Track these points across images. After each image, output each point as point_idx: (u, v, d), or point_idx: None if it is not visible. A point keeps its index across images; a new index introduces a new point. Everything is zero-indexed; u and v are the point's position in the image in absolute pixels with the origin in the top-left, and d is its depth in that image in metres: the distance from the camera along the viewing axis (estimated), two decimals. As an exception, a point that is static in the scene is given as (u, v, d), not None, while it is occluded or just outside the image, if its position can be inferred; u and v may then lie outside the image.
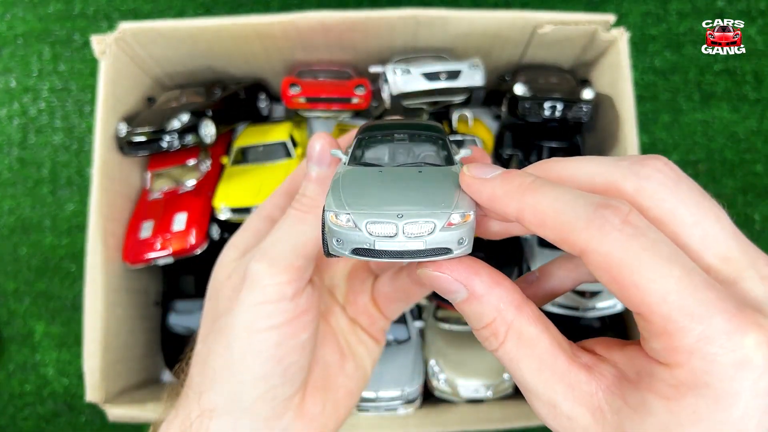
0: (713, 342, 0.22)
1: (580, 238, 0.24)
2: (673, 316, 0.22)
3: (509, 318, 0.27)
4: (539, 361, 0.27)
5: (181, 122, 0.73)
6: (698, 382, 0.23)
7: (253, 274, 0.34)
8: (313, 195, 0.36)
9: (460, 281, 0.28)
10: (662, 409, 0.24)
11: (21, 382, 0.96)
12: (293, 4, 1.04)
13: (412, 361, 0.82)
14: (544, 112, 0.77)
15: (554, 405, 0.27)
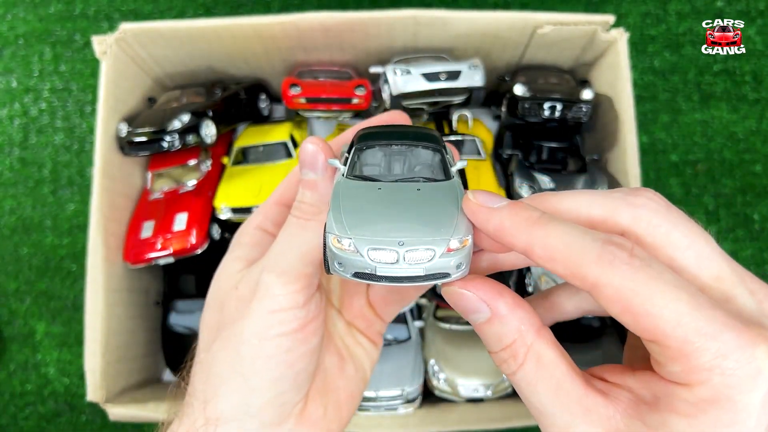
0: (729, 357, 0.23)
1: (591, 272, 0.25)
2: (689, 338, 0.24)
3: (529, 340, 0.28)
4: (557, 384, 0.27)
5: (182, 122, 0.74)
6: (719, 396, 0.24)
7: (265, 284, 0.34)
8: (311, 201, 0.36)
9: (485, 301, 0.28)
10: (684, 426, 0.24)
11: (22, 382, 0.96)
12: (293, 4, 1.04)
13: (412, 360, 0.82)
14: (544, 112, 0.77)
15: (569, 429, 0.27)
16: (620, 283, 0.24)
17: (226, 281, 0.38)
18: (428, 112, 0.84)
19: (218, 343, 0.36)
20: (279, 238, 0.36)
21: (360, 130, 0.36)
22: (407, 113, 0.72)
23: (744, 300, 0.27)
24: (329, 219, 0.30)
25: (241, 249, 0.39)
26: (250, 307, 0.35)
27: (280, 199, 0.40)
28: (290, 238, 0.36)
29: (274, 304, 0.34)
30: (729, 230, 0.98)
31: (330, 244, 0.29)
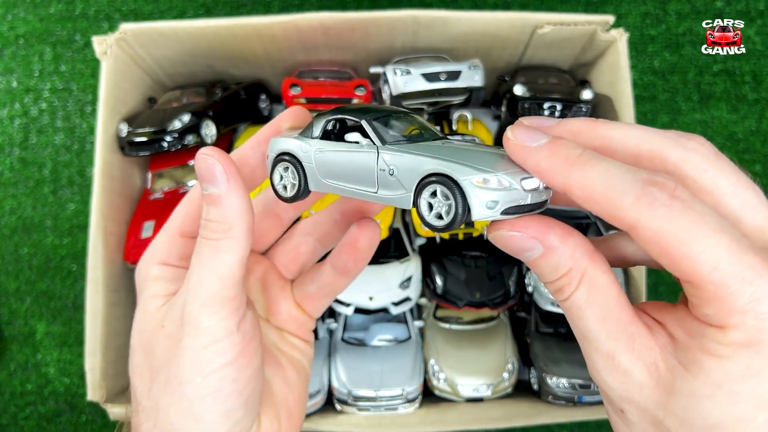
0: (764, 302, 0.24)
1: (629, 214, 0.25)
2: (725, 281, 0.24)
3: (583, 266, 0.28)
4: (606, 310, 0.28)
5: (182, 122, 0.74)
6: (752, 339, 0.24)
7: (191, 318, 0.32)
8: (218, 218, 0.33)
9: (536, 237, 0.28)
10: (715, 367, 0.25)
11: (22, 382, 0.96)
12: (294, 4, 1.05)
13: (412, 360, 0.82)
14: (544, 112, 0.77)
15: (613, 357, 0.27)
16: (659, 226, 0.25)
17: (148, 321, 0.36)
18: (428, 112, 0.84)
19: (158, 388, 0.34)
20: (193, 265, 0.34)
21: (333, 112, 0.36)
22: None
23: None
24: (449, 163, 0.29)
25: (154, 286, 0.36)
26: (181, 345, 0.33)
27: (181, 230, 0.37)
28: (205, 263, 0.33)
29: (206, 338, 0.32)
30: (729, 230, 0.98)
31: (473, 186, 0.28)
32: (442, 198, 0.30)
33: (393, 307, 0.82)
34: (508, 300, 0.83)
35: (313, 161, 0.35)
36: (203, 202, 0.34)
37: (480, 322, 0.88)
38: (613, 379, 0.28)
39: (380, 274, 0.83)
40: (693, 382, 0.26)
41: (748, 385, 0.25)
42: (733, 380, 0.25)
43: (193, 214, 0.37)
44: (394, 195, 0.32)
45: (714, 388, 0.25)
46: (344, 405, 0.79)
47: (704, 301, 0.25)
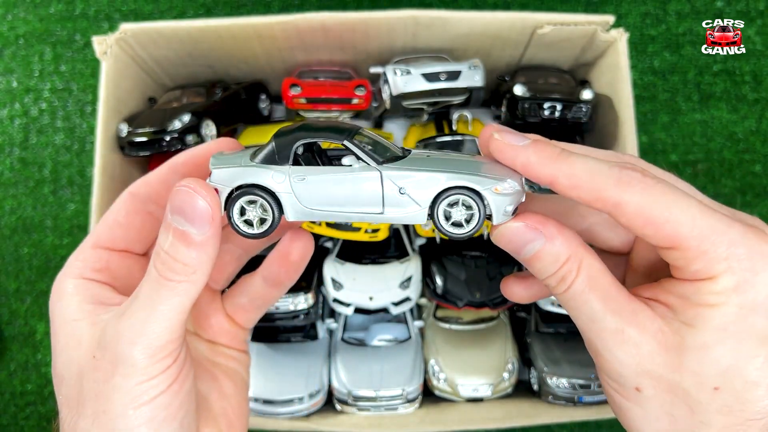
0: (740, 246, 0.28)
1: (612, 194, 0.29)
2: (705, 234, 0.28)
3: (580, 254, 0.31)
4: (606, 292, 0.30)
5: (182, 122, 0.74)
6: (739, 281, 0.28)
7: (129, 359, 0.30)
8: (188, 261, 0.31)
9: (537, 228, 0.31)
10: (716, 315, 0.28)
11: (23, 382, 0.96)
12: (294, 5, 1.05)
13: (412, 360, 0.82)
14: (544, 112, 0.77)
15: (621, 331, 0.30)
16: (639, 200, 0.28)
17: (77, 349, 0.32)
18: (428, 112, 0.84)
19: (86, 422, 0.32)
20: (141, 299, 0.31)
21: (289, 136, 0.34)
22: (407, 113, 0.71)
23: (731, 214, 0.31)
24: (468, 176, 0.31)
25: (72, 305, 0.33)
26: (113, 381, 0.31)
27: (95, 241, 0.36)
28: (156, 302, 0.31)
29: (142, 377, 0.31)
30: (729, 230, 0.98)
31: (493, 193, 0.31)
32: (463, 208, 0.32)
33: (393, 307, 0.82)
34: (508, 300, 0.83)
35: (291, 190, 0.32)
36: (174, 237, 0.31)
37: (480, 322, 0.88)
38: (625, 353, 0.30)
39: (380, 274, 0.83)
40: (700, 334, 0.29)
41: (746, 324, 0.28)
42: (734, 322, 0.28)
43: (110, 224, 0.36)
44: (405, 212, 0.33)
45: (719, 333, 0.28)
46: (344, 405, 0.79)
47: (690, 259, 0.29)
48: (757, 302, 0.28)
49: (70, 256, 0.36)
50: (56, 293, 0.35)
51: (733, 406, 0.29)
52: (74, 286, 0.34)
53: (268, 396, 0.77)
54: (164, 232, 0.31)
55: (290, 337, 0.85)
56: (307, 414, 0.78)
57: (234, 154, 0.35)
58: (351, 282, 0.82)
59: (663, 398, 0.30)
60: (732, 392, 0.28)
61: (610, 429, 0.93)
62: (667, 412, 0.30)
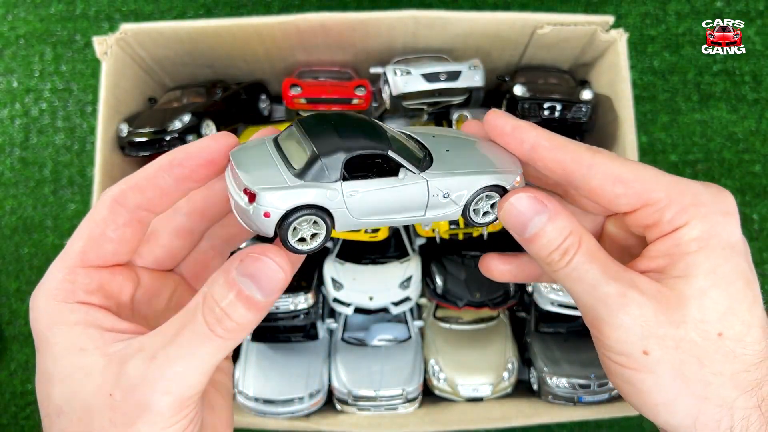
0: (704, 194, 0.31)
1: (587, 157, 0.32)
2: (670, 188, 0.31)
3: (579, 228, 0.33)
4: (605, 263, 0.32)
5: (183, 123, 0.74)
6: (712, 224, 0.30)
7: (157, 408, 0.28)
8: (245, 323, 0.29)
9: (543, 200, 0.33)
10: (701, 259, 0.30)
11: (23, 382, 0.96)
12: (294, 4, 1.05)
13: (412, 360, 0.82)
14: (544, 112, 0.77)
15: (624, 294, 0.31)
16: (609, 162, 0.32)
17: (87, 384, 0.29)
18: (428, 112, 0.84)
19: None
20: (179, 347, 0.29)
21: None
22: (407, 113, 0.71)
23: None
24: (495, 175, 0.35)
25: (73, 334, 0.30)
26: (135, 427, 0.29)
27: (83, 259, 0.32)
28: (197, 355, 0.29)
29: (166, 425, 0.29)
30: (728, 230, 0.98)
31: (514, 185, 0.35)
32: (487, 199, 0.35)
33: (393, 307, 0.82)
34: (508, 300, 0.83)
35: (345, 205, 0.32)
36: (233, 296, 0.29)
37: (480, 321, 0.88)
38: (630, 315, 0.31)
39: (380, 274, 0.83)
40: (694, 281, 0.30)
41: (731, 264, 0.30)
42: (721, 264, 0.30)
43: (98, 239, 0.32)
44: (444, 213, 0.35)
45: (712, 277, 0.30)
46: (344, 405, 0.79)
47: (662, 209, 0.31)
48: (733, 243, 0.30)
49: (50, 275, 0.31)
50: (49, 317, 0.31)
51: (736, 350, 0.30)
52: (71, 311, 0.31)
53: (268, 396, 0.77)
54: (224, 288, 0.29)
55: (290, 337, 0.85)
56: (307, 414, 0.78)
57: (261, 164, 0.32)
58: (351, 282, 0.82)
59: (672, 357, 0.30)
60: (733, 336, 0.30)
61: (610, 429, 0.93)
62: (678, 372, 0.30)
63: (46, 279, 0.31)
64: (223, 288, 0.29)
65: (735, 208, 0.32)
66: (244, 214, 0.31)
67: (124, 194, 0.32)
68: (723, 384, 0.30)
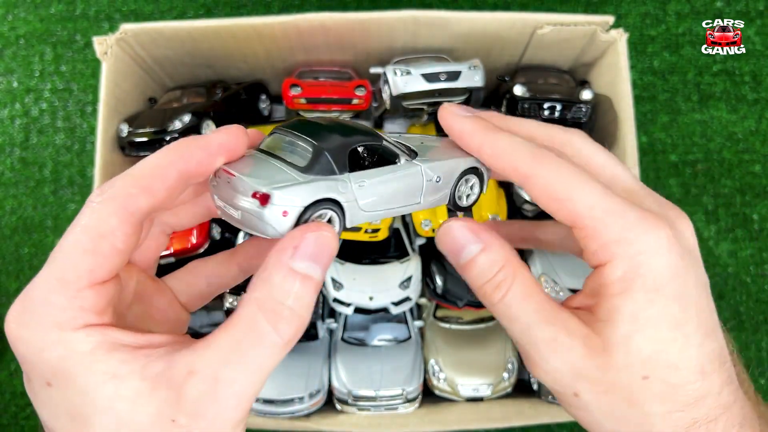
0: (634, 229, 0.29)
1: (525, 166, 0.32)
2: (600, 216, 0.29)
3: (515, 264, 0.32)
4: (539, 304, 0.31)
5: (183, 123, 0.74)
6: (634, 266, 0.29)
7: (229, 427, 0.27)
8: (304, 306, 0.27)
9: (475, 233, 0.33)
10: (625, 302, 0.29)
11: (23, 382, 0.96)
12: (294, 5, 1.05)
13: (412, 360, 0.82)
14: (544, 112, 0.77)
15: (555, 339, 0.31)
16: (547, 174, 0.31)
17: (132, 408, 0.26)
18: (428, 112, 0.84)
19: None
20: (245, 362, 0.26)
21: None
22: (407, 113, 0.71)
23: (650, 204, 0.32)
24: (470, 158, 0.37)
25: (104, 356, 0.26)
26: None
27: (91, 279, 0.27)
28: (263, 365, 0.27)
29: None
30: (728, 230, 0.98)
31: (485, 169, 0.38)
32: (467, 184, 0.37)
33: (393, 307, 0.82)
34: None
35: (355, 197, 0.32)
36: (298, 284, 0.27)
37: (480, 321, 0.88)
38: (559, 359, 0.31)
39: (380, 274, 0.83)
40: (617, 328, 0.29)
41: (654, 309, 0.29)
42: (643, 308, 0.29)
43: (107, 254, 0.28)
44: (436, 197, 0.37)
45: (633, 323, 0.29)
46: (344, 405, 0.79)
47: (588, 238, 0.30)
48: (659, 285, 0.29)
49: (44, 299, 0.27)
50: (59, 350, 0.26)
51: (665, 392, 0.29)
52: (85, 337, 0.27)
53: (268, 396, 0.77)
54: (286, 282, 0.27)
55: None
56: (307, 414, 0.78)
57: (260, 168, 0.31)
58: (351, 282, 0.82)
59: (601, 400, 0.30)
60: (660, 379, 0.29)
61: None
62: (609, 413, 0.30)
63: (39, 305, 0.26)
64: (285, 282, 0.27)
65: (670, 242, 0.29)
66: (253, 220, 0.29)
67: (135, 199, 0.28)
68: (655, 424, 0.30)
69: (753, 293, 0.96)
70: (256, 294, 0.27)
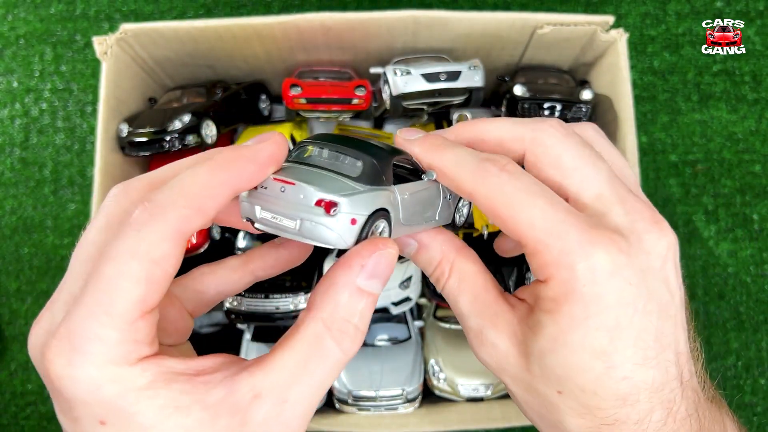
0: (571, 254, 0.27)
1: (468, 185, 0.31)
2: (539, 237, 0.28)
3: (451, 258, 0.33)
4: (474, 294, 0.32)
5: (183, 123, 0.74)
6: (569, 290, 0.28)
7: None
8: (366, 325, 0.28)
9: (410, 236, 0.34)
10: (550, 322, 0.29)
11: (23, 382, 0.96)
12: (294, 5, 1.05)
13: (412, 360, 0.82)
14: (544, 112, 0.77)
15: (481, 333, 0.32)
16: (488, 192, 0.30)
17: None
18: (428, 112, 0.84)
19: None
20: (311, 382, 0.27)
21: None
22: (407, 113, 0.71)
23: (617, 216, 0.30)
24: None
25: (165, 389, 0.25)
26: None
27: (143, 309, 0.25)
28: (326, 382, 0.27)
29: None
30: (728, 230, 0.98)
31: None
32: (461, 203, 0.37)
33: (393, 307, 0.82)
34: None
35: (399, 208, 0.32)
36: (364, 302, 0.28)
37: (480, 322, 0.88)
38: (485, 353, 0.32)
39: (380, 274, 0.83)
40: (537, 341, 0.29)
41: (577, 335, 0.28)
42: (564, 332, 0.28)
43: (160, 281, 0.26)
44: (444, 215, 0.36)
45: (552, 342, 0.28)
46: (344, 405, 0.79)
47: (530, 256, 0.29)
48: (589, 314, 0.27)
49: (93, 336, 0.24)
50: (115, 387, 0.25)
51: (580, 410, 0.29)
52: (141, 371, 0.25)
53: (268, 396, 0.77)
54: (353, 301, 0.28)
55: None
56: (307, 414, 0.78)
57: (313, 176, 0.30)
58: (351, 282, 0.82)
59: (525, 396, 0.31)
60: (574, 398, 0.29)
61: (610, 429, 0.93)
62: (531, 409, 0.32)
63: (88, 341, 0.24)
64: (352, 301, 0.28)
65: (614, 266, 0.27)
66: (316, 229, 0.28)
67: (189, 222, 0.26)
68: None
69: (753, 293, 0.96)
70: (323, 314, 0.27)
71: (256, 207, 0.30)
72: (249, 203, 0.30)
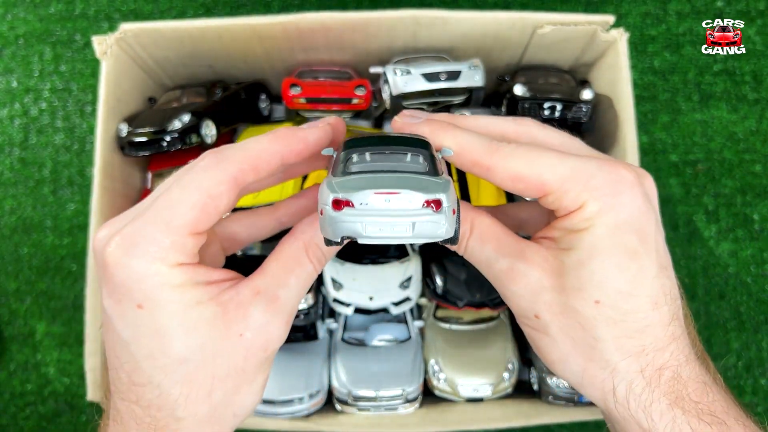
0: (597, 176, 0.32)
1: (485, 160, 0.34)
2: (565, 174, 0.33)
3: (470, 216, 0.36)
4: (498, 240, 0.36)
5: (182, 122, 0.74)
6: (602, 205, 0.32)
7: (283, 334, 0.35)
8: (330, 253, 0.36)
9: None
10: (587, 236, 0.32)
11: (22, 382, 0.96)
12: (294, 4, 1.05)
13: (412, 360, 0.82)
14: (544, 112, 0.77)
15: (512, 269, 0.35)
16: (506, 162, 0.33)
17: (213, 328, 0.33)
18: (428, 112, 0.84)
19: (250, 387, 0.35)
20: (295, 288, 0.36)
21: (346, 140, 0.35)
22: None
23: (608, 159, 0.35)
24: None
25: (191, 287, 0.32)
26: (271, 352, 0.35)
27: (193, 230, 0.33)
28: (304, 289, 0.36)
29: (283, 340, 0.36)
30: (729, 230, 0.98)
31: None
32: None
33: (393, 307, 0.82)
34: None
35: None
36: None
37: (480, 322, 0.88)
38: (518, 285, 0.34)
39: (380, 274, 0.83)
40: (575, 254, 0.33)
41: (614, 240, 0.32)
42: (603, 239, 0.32)
43: (211, 213, 0.32)
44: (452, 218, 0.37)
45: (591, 250, 0.32)
46: (344, 405, 0.79)
47: (560, 199, 0.33)
48: (621, 220, 0.32)
49: (152, 238, 0.31)
50: (156, 279, 0.31)
51: (615, 317, 0.32)
52: (180, 273, 0.32)
53: (268, 396, 0.77)
54: None
55: (290, 337, 0.85)
56: (307, 414, 0.78)
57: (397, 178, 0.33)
58: (351, 282, 0.82)
59: (559, 321, 0.33)
60: (610, 304, 0.32)
61: (610, 429, 0.93)
62: (566, 334, 0.34)
63: (146, 241, 0.31)
64: None
65: (631, 185, 0.33)
66: (429, 227, 0.31)
67: (244, 175, 0.33)
68: (605, 348, 0.32)
69: (753, 293, 0.96)
70: (304, 237, 0.35)
71: (360, 223, 0.32)
72: (350, 222, 0.31)
